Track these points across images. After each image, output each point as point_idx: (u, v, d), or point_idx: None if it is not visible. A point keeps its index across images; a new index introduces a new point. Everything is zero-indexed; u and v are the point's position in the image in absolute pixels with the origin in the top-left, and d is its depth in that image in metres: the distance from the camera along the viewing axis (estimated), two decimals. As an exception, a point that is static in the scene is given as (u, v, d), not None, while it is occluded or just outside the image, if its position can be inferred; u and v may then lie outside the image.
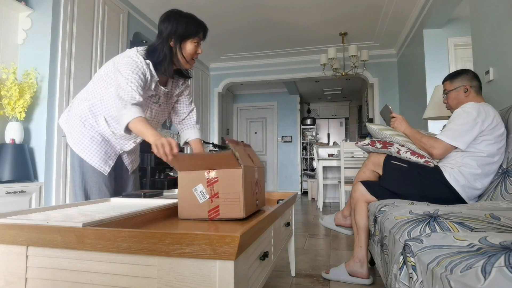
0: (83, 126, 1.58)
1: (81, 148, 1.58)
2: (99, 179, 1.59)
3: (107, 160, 1.61)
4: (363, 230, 1.77)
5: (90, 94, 1.59)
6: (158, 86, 1.59)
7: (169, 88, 1.69)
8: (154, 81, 1.55)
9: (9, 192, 2.28)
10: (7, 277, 0.82)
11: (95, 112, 1.57)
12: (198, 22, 1.54)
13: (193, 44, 1.53)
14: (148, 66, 1.50)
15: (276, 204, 1.42)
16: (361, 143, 2.00)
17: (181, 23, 1.50)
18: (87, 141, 1.57)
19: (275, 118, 8.05)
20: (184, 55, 1.54)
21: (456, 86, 1.79)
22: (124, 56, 1.50)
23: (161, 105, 1.68)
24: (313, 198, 6.44)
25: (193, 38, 1.52)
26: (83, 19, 2.97)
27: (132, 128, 1.38)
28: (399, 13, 4.10)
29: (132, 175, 1.81)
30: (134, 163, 1.82)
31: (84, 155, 1.57)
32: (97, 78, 1.59)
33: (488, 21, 2.30)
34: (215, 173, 1.11)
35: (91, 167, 1.58)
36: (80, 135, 1.58)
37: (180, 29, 1.49)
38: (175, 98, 1.76)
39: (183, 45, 1.52)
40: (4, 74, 2.49)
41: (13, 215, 0.96)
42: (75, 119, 1.59)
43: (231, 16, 4.22)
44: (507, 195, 1.48)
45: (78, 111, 1.60)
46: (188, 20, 1.51)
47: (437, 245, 0.79)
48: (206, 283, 0.70)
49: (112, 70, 1.53)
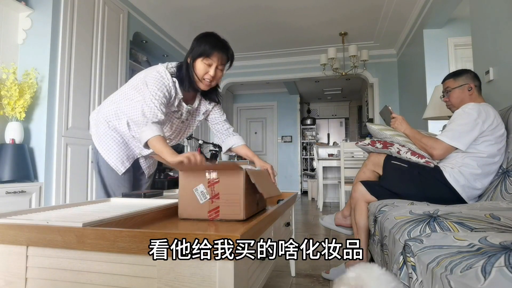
0: (107, 126, 1.66)
1: (102, 145, 1.66)
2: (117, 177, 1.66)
3: (124, 161, 1.67)
4: (363, 230, 1.77)
5: (119, 98, 1.65)
6: (181, 103, 1.62)
7: (195, 106, 1.70)
8: (178, 98, 1.58)
9: (9, 192, 2.28)
10: (7, 277, 0.82)
11: (119, 115, 1.64)
12: (216, 45, 1.49)
13: (203, 64, 1.50)
14: (174, 84, 1.53)
15: (276, 204, 1.42)
16: (361, 143, 2.00)
17: (201, 43, 1.49)
18: (108, 140, 1.65)
19: (275, 118, 8.05)
20: (195, 73, 1.52)
21: (461, 83, 1.78)
22: (154, 70, 1.54)
23: (184, 122, 1.72)
24: (313, 198, 6.43)
25: (203, 57, 1.48)
26: (83, 19, 2.96)
27: (151, 146, 1.44)
28: (399, 13, 4.10)
29: (148, 179, 1.88)
30: (152, 168, 1.87)
31: (103, 152, 1.66)
32: (129, 84, 1.65)
33: (488, 21, 2.30)
34: (216, 174, 1.11)
35: (107, 165, 1.65)
36: (103, 134, 1.66)
37: (197, 47, 1.49)
38: (202, 116, 1.77)
39: (194, 64, 1.51)
40: (4, 74, 2.49)
41: (13, 215, 0.96)
42: (101, 119, 1.67)
43: (231, 17, 4.22)
44: (507, 195, 1.48)
45: (105, 112, 1.67)
46: (208, 40, 1.49)
47: (437, 245, 0.79)
48: (206, 283, 0.70)
49: (141, 81, 1.57)
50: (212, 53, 1.48)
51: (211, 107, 1.76)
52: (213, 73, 1.51)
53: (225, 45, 1.53)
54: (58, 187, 2.65)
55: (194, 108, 1.70)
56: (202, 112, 1.76)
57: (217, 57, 1.49)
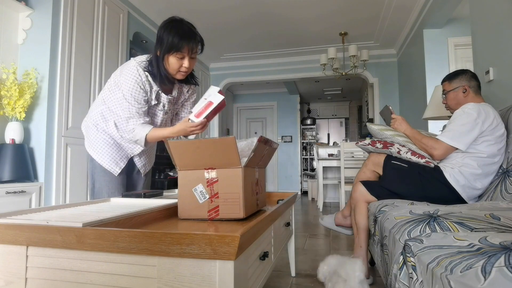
0: (96, 129, 1.65)
1: (94, 149, 1.65)
2: (111, 179, 1.65)
3: (118, 162, 1.66)
4: (363, 230, 1.77)
5: (101, 101, 1.65)
6: (160, 95, 1.60)
7: (174, 95, 1.68)
8: (154, 91, 1.56)
9: (9, 192, 2.28)
10: (7, 277, 0.82)
11: (106, 117, 1.63)
12: (184, 36, 1.43)
13: (175, 58, 1.46)
14: (147, 78, 1.51)
15: (276, 204, 1.42)
16: (361, 143, 2.00)
17: (168, 35, 1.43)
18: (99, 143, 1.64)
19: (275, 118, 8.05)
20: (169, 68, 1.50)
21: (455, 86, 1.80)
22: (126, 68, 1.51)
23: (168, 113, 1.71)
24: (313, 198, 6.43)
25: (175, 53, 1.44)
26: (83, 19, 2.96)
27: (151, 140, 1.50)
28: (399, 13, 4.10)
29: (145, 177, 1.86)
30: (147, 166, 1.85)
31: (96, 156, 1.64)
32: (107, 86, 1.64)
33: (488, 21, 2.30)
34: (215, 173, 1.11)
35: (102, 168, 1.64)
36: (94, 138, 1.65)
37: (165, 42, 1.43)
38: (180, 104, 1.77)
39: (166, 59, 1.47)
40: (4, 74, 2.49)
41: (13, 215, 0.96)
42: (90, 124, 1.67)
43: (231, 17, 4.22)
44: (507, 195, 1.48)
45: (92, 116, 1.67)
46: (175, 33, 1.42)
47: (437, 245, 0.79)
48: (206, 283, 0.70)
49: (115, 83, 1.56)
50: (182, 46, 1.43)
51: (188, 95, 1.75)
52: (187, 64, 1.49)
53: (193, 32, 1.47)
54: (58, 187, 2.65)
55: (174, 97, 1.68)
56: (180, 101, 1.75)
57: (188, 48, 1.45)
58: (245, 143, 1.21)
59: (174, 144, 1.10)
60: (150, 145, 1.78)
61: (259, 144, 1.13)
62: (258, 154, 1.18)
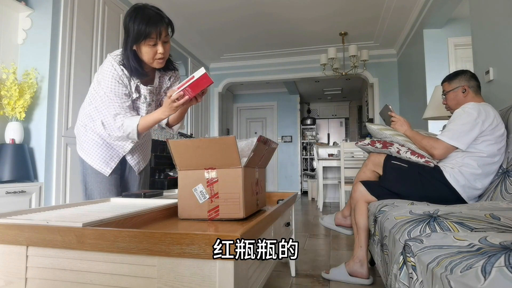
0: (85, 130, 1.63)
1: (83, 151, 1.63)
2: (101, 180, 1.62)
3: (109, 161, 1.63)
4: (363, 230, 1.77)
5: (88, 102, 1.63)
6: (139, 87, 1.57)
7: (156, 85, 1.64)
8: (133, 85, 1.53)
9: (9, 192, 2.28)
10: (7, 277, 0.82)
11: (93, 117, 1.61)
12: (150, 21, 1.37)
13: (147, 47, 1.40)
14: (123, 71, 1.48)
15: (276, 204, 1.42)
16: (361, 143, 2.00)
17: (133, 24, 1.37)
18: (88, 144, 1.62)
19: (275, 118, 8.05)
20: (144, 59, 1.46)
21: (454, 86, 1.80)
22: (103, 66, 1.49)
23: (151, 104, 1.66)
24: (313, 198, 6.43)
25: (144, 40, 1.38)
26: (83, 19, 2.96)
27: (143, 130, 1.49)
28: (399, 13, 4.10)
29: (139, 175, 1.82)
30: (141, 164, 1.82)
31: (86, 157, 1.62)
32: (92, 86, 1.62)
33: (488, 21, 2.30)
34: (215, 173, 1.11)
35: (92, 169, 1.61)
36: (83, 139, 1.64)
37: (131, 31, 1.38)
38: (163, 93, 1.71)
39: (138, 49, 1.43)
40: (4, 74, 2.49)
41: (13, 215, 0.96)
42: (79, 126, 1.66)
43: (231, 17, 4.22)
44: (507, 195, 1.48)
45: (81, 117, 1.66)
46: (141, 20, 1.36)
47: (437, 245, 0.79)
48: (206, 283, 0.70)
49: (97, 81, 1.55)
50: (150, 31, 1.37)
51: (170, 83, 1.70)
52: (162, 50, 1.42)
53: (160, 15, 1.40)
54: (58, 187, 2.65)
55: (155, 87, 1.63)
56: (163, 90, 1.69)
57: (157, 32, 1.38)
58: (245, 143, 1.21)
59: (175, 143, 1.11)
60: (143, 140, 1.75)
61: (259, 144, 1.13)
62: (258, 154, 1.18)
